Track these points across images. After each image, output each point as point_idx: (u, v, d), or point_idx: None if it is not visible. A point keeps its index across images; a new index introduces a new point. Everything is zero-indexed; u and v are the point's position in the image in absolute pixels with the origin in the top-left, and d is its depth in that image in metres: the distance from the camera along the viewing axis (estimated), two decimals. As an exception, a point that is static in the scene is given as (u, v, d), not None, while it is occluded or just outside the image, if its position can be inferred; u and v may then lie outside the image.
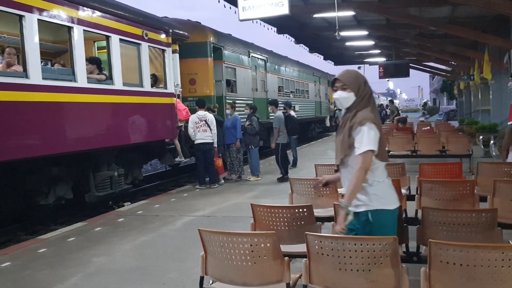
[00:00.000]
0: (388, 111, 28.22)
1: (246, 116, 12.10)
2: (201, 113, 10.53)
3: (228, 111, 11.45)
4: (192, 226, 7.09)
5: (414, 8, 15.34)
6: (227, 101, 13.04)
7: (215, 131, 10.59)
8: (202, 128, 10.44)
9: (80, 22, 8.06)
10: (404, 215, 4.79)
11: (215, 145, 10.69)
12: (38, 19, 7.20)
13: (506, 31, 14.94)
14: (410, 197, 5.60)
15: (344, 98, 3.32)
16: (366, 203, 3.20)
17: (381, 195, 3.21)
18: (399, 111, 26.30)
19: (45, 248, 6.24)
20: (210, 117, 10.60)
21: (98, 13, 8.51)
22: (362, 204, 3.20)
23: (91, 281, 5.03)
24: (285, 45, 27.76)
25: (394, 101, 33.71)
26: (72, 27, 7.90)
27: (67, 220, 8.73)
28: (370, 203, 3.19)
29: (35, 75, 7.12)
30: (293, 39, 21.36)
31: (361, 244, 2.89)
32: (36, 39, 7.20)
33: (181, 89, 11.48)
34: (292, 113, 13.31)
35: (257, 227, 4.26)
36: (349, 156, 3.25)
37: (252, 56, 16.52)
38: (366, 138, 3.15)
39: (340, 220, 3.17)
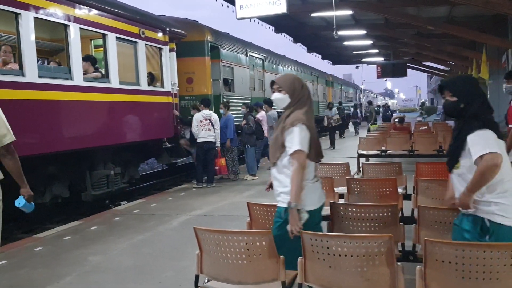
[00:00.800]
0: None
1: (243, 115, 12.08)
2: (206, 112, 10.53)
3: (221, 111, 11.43)
4: (189, 225, 7.06)
5: (412, 8, 15.35)
6: (224, 100, 13.02)
7: (219, 131, 10.59)
8: (206, 127, 10.42)
9: (77, 20, 8.04)
10: (400, 214, 4.78)
11: (218, 144, 10.68)
12: (34, 17, 7.18)
13: (504, 31, 14.97)
14: (407, 196, 5.60)
15: (279, 99, 3.52)
16: (282, 198, 3.41)
17: (301, 196, 3.31)
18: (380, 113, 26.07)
19: (41, 247, 6.22)
20: (215, 116, 10.60)
21: (94, 11, 8.49)
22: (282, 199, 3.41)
23: (87, 279, 5.01)
24: (283, 44, 27.79)
25: (392, 101, 33.66)
26: (69, 25, 7.88)
27: (63, 219, 8.71)
28: (285, 199, 3.37)
29: (31, 73, 7.10)
30: (291, 38, 21.36)
31: (356, 243, 2.89)
32: (33, 37, 7.18)
33: (178, 88, 11.46)
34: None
35: (253, 226, 4.24)
36: (282, 155, 3.41)
37: (249, 55, 16.51)
38: (297, 138, 3.29)
39: (292, 221, 3.22)
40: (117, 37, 9.06)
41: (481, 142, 2.94)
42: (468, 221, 3.12)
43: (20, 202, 4.16)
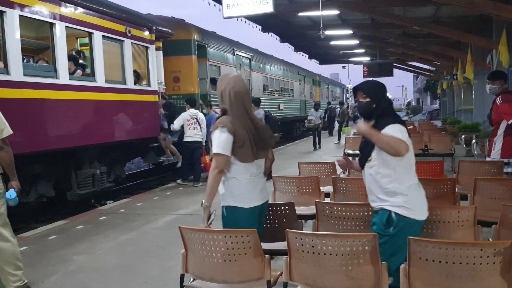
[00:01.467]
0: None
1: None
2: (193, 111, 10.51)
3: (204, 111, 11.36)
4: (175, 224, 7.01)
5: (398, 8, 15.44)
6: (210, 98, 12.99)
7: (205, 130, 10.57)
8: (193, 126, 10.40)
9: (62, 18, 7.97)
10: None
11: (203, 143, 10.66)
12: (19, 15, 7.10)
13: (489, 31, 15.12)
14: (392, 195, 5.62)
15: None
16: (223, 198, 3.59)
17: (236, 193, 3.51)
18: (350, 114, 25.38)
19: (25, 247, 6.15)
20: (201, 115, 10.59)
21: (80, 10, 8.42)
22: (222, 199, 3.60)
23: (72, 279, 4.98)
24: (270, 43, 27.74)
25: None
26: (54, 24, 7.81)
27: (49, 218, 8.63)
28: (224, 199, 3.58)
29: (16, 72, 7.02)
30: (278, 38, 21.37)
31: (341, 242, 2.90)
32: (18, 35, 7.11)
33: (164, 87, 11.41)
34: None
35: (239, 225, 4.24)
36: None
37: (236, 54, 16.49)
38: (217, 141, 3.44)
39: (204, 219, 3.47)
40: (103, 36, 8.99)
41: (396, 133, 3.21)
42: (377, 214, 3.39)
43: (11, 194, 4.37)
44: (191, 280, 3.42)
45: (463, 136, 13.50)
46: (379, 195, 3.35)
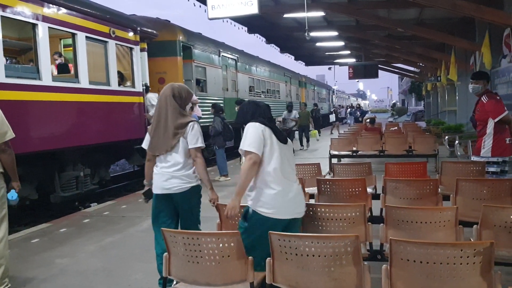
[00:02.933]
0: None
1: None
2: None
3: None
4: (160, 226, 7.01)
5: (383, 10, 15.56)
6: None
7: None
8: None
9: (45, 19, 7.89)
10: (369, 214, 4.84)
11: None
12: (1, 16, 7.02)
13: (472, 34, 15.29)
14: (376, 196, 5.67)
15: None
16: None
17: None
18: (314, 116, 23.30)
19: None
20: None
21: (63, 10, 8.34)
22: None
23: (54, 282, 4.93)
24: (256, 44, 27.80)
25: (364, 101, 34.11)
26: (37, 24, 7.73)
27: (31, 221, 8.54)
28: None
29: (-3, 73, 6.93)
30: (264, 39, 21.39)
31: (324, 243, 2.91)
32: (-1, 36, 7.02)
33: (150, 88, 11.34)
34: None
35: (223, 227, 4.25)
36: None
37: (222, 55, 16.48)
38: None
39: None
40: (86, 37, 8.92)
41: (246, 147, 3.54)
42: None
43: (13, 195, 4.57)
44: (174, 282, 3.40)
45: (446, 137, 13.64)
46: (247, 191, 3.60)
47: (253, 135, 3.51)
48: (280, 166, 3.54)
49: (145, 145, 4.37)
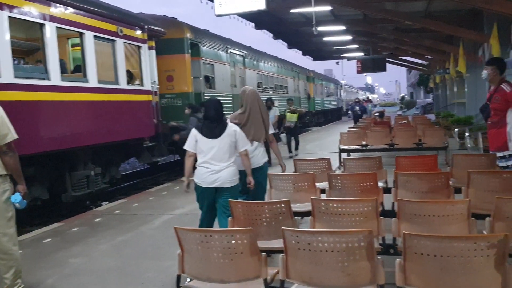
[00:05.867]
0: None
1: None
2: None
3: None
4: (171, 224, 7.01)
5: (390, 3, 15.44)
6: (203, 100, 12.95)
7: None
8: None
9: (53, 19, 7.92)
10: (381, 208, 4.83)
11: None
12: (8, 16, 7.05)
13: (480, 25, 15.15)
14: (387, 190, 5.65)
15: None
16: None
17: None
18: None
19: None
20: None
21: (71, 10, 8.38)
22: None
23: (68, 282, 4.96)
24: (263, 40, 27.73)
25: (372, 95, 33.76)
26: (44, 24, 7.76)
27: (43, 221, 8.59)
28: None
29: (7, 74, 6.98)
30: (271, 35, 21.36)
31: (337, 238, 2.90)
32: (7, 36, 7.06)
33: (158, 86, 11.37)
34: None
35: (235, 224, 4.25)
36: None
37: (230, 52, 16.46)
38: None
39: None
40: (94, 36, 8.95)
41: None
42: None
43: (16, 198, 4.40)
44: (188, 280, 3.41)
45: (456, 129, 13.55)
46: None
47: (189, 138, 5.07)
48: (206, 154, 4.93)
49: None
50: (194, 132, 5.01)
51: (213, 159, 4.90)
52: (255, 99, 5.67)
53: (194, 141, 4.98)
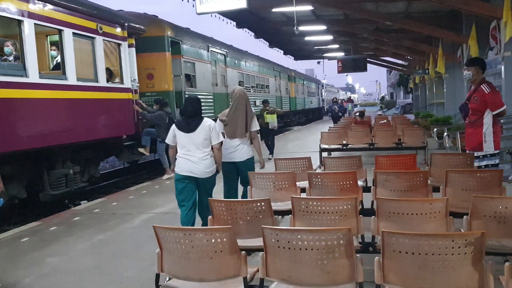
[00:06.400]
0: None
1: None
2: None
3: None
4: (151, 223, 6.86)
5: (371, 3, 15.58)
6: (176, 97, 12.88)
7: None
8: None
9: (31, 15, 7.80)
10: (360, 207, 4.86)
11: None
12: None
13: (459, 26, 15.39)
14: (367, 189, 5.69)
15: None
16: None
17: None
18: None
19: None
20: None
21: (50, 6, 8.25)
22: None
23: (46, 281, 4.90)
24: (245, 39, 27.72)
25: (353, 95, 33.86)
26: (23, 21, 7.64)
27: (21, 220, 8.47)
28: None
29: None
30: (252, 34, 21.35)
31: (316, 236, 2.91)
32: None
33: (138, 84, 11.28)
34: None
35: (215, 223, 4.23)
36: None
37: (211, 50, 16.41)
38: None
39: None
40: (73, 33, 8.83)
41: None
42: None
43: None
44: (167, 279, 3.39)
45: (435, 129, 13.72)
46: None
47: (169, 133, 5.59)
48: (184, 146, 5.43)
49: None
50: (173, 127, 5.55)
51: (190, 150, 5.41)
52: (242, 98, 6.27)
53: (173, 135, 5.53)
